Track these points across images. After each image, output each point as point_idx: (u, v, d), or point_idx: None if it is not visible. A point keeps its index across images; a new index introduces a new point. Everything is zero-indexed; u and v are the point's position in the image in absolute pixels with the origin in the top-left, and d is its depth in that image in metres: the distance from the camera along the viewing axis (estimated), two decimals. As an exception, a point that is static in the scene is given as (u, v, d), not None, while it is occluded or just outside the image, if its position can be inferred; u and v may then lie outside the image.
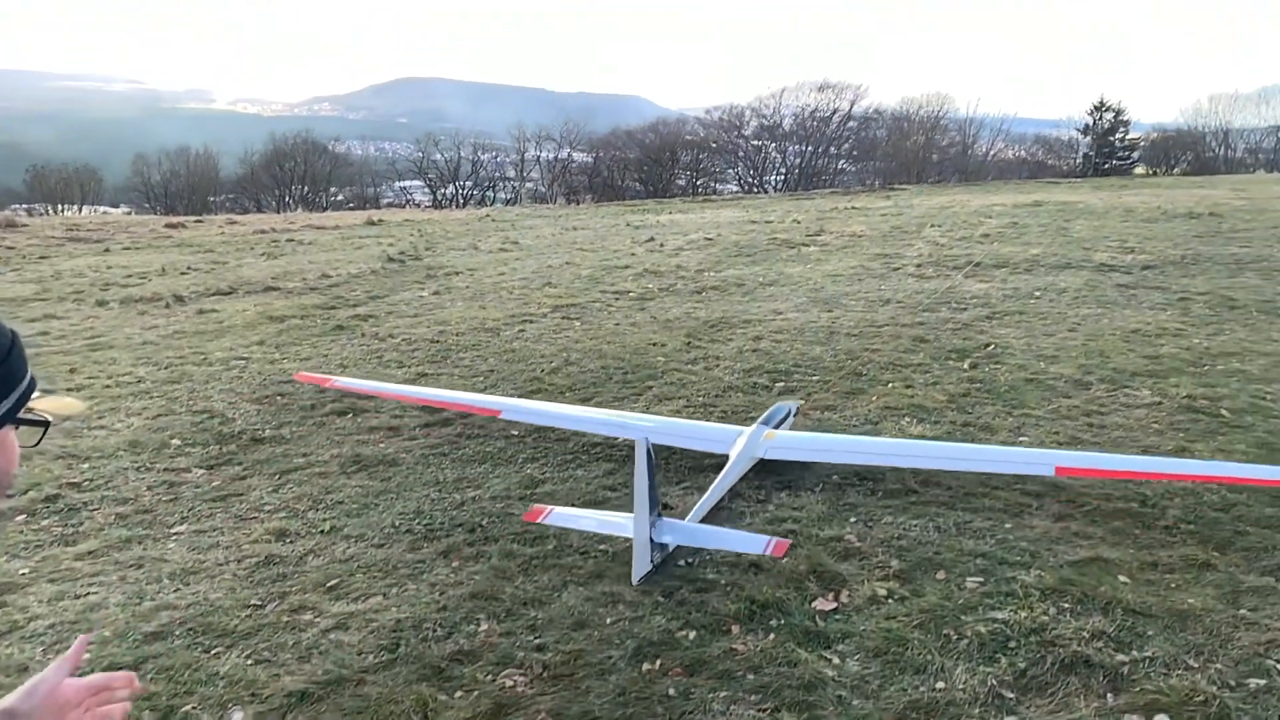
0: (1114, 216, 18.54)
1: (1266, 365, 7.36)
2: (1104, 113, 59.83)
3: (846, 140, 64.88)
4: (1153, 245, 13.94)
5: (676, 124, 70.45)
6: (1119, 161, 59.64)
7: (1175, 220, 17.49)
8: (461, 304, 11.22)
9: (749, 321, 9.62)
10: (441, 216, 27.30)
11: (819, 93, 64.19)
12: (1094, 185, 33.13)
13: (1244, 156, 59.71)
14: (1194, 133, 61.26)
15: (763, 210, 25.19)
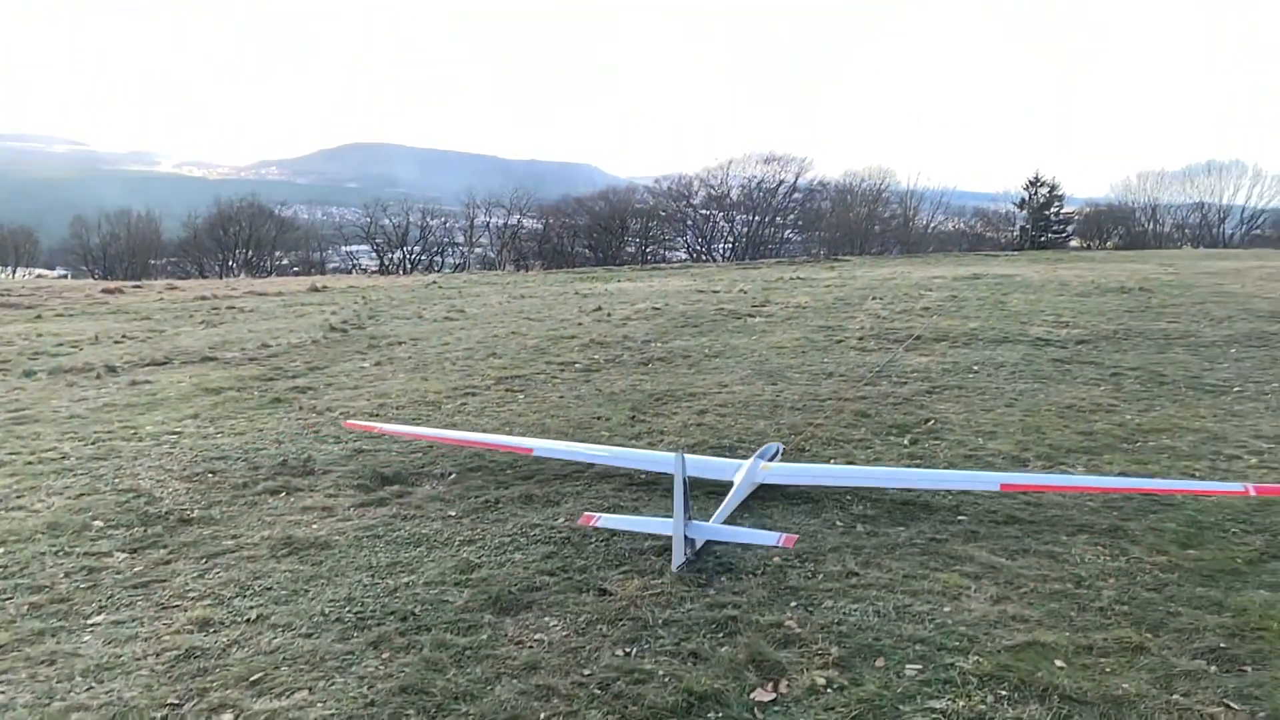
0: (1049, 290, 19.10)
1: (1195, 442, 7.54)
2: (1039, 188, 62.08)
3: (792, 211, 66.27)
4: (1086, 320, 14.35)
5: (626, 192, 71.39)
6: (1054, 235, 61.77)
7: (1108, 294, 18.06)
8: (403, 376, 11.09)
9: (694, 395, 9.64)
10: (387, 283, 27.17)
11: (765, 165, 65.69)
12: (1030, 258, 34.19)
13: (1172, 231, 62.29)
14: (1125, 208, 63.84)
15: (710, 279, 25.51)
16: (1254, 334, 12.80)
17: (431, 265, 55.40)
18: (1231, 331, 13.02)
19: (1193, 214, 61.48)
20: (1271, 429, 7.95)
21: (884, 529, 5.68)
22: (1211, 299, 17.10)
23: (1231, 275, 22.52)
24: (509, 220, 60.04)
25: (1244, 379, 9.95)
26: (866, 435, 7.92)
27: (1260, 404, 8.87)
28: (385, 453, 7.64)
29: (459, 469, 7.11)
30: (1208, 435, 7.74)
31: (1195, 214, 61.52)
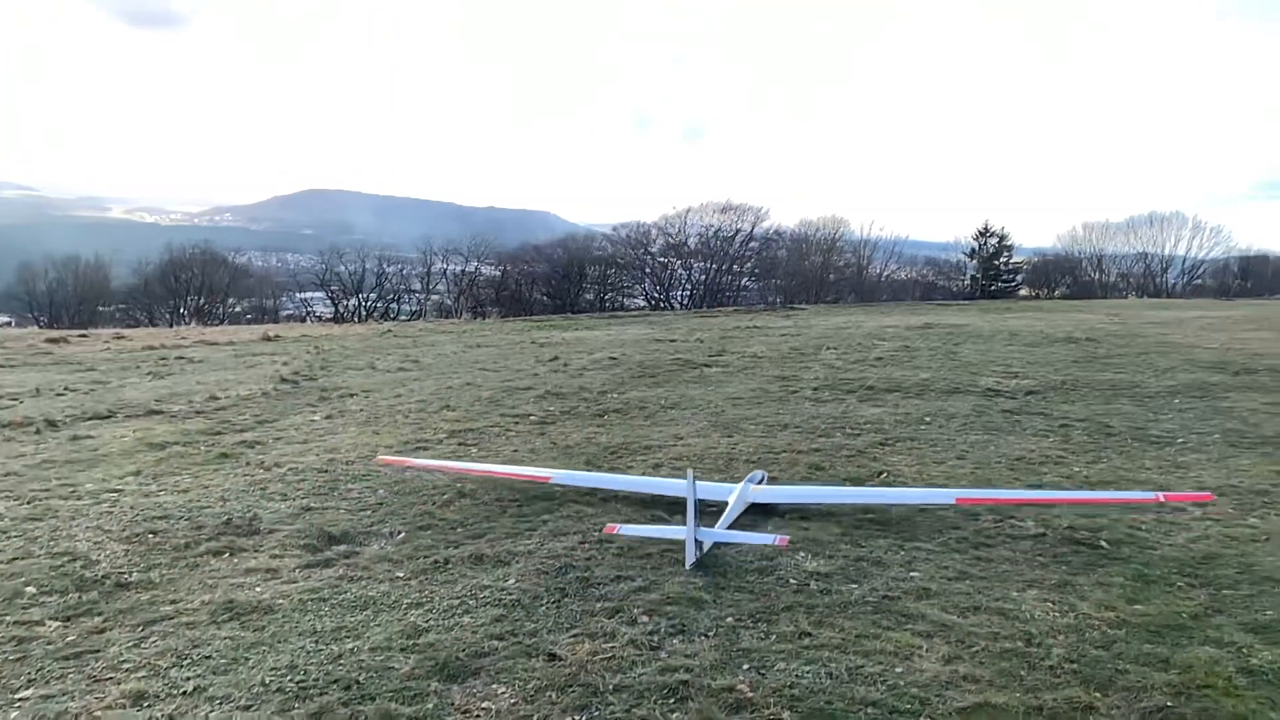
0: (999, 340, 19.43)
1: (1141, 493, 7.66)
2: (988, 238, 63.55)
3: (749, 259, 67.02)
4: (1035, 370, 14.61)
5: (585, 239, 71.74)
6: (1004, 284, 63.11)
7: (1056, 345, 18.42)
8: (355, 429, 10.93)
9: (649, 447, 9.61)
10: (341, 331, 26.91)
11: (723, 214, 66.47)
12: (981, 308, 34.87)
13: (1117, 280, 63.99)
14: (1072, 258, 65.55)
15: (668, 328, 25.63)
16: (1196, 385, 13.11)
17: (387, 313, 54.98)
18: (1175, 382, 13.33)
19: (1136, 264, 63.31)
20: (1214, 480, 8.11)
21: (837, 586, 5.67)
22: (1155, 349, 17.52)
23: (1174, 325, 23.14)
24: (467, 267, 59.95)
25: (1187, 430, 10.16)
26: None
27: (1202, 455, 9.06)
28: (334, 510, 7.48)
29: (408, 527, 6.98)
30: (1154, 486, 7.87)
31: (1139, 264, 63.36)
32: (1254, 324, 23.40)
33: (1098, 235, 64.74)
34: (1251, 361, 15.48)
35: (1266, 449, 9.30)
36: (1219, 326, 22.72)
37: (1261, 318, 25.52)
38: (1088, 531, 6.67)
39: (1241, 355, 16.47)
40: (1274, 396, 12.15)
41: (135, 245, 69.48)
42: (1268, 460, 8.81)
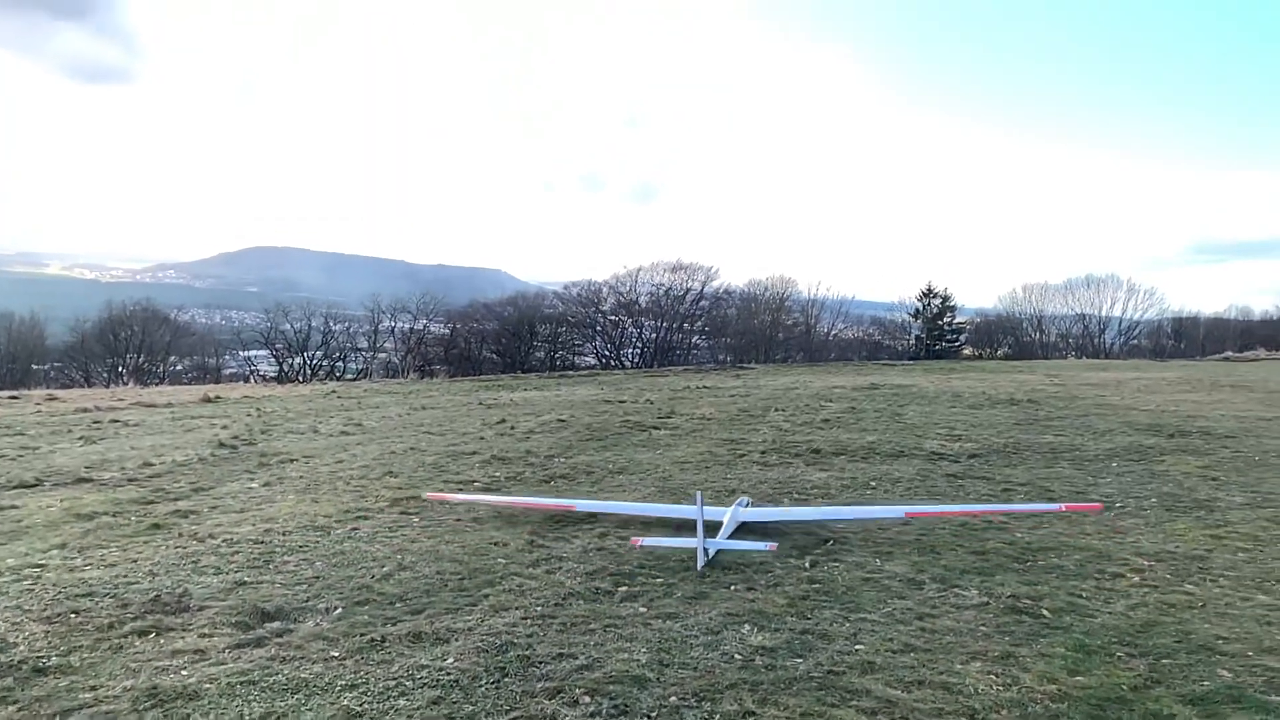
0: (943, 402, 19.73)
1: (1081, 561, 7.74)
2: (932, 298, 64.97)
3: (699, 318, 67.60)
4: (978, 433, 14.82)
5: (536, 298, 71.86)
6: (948, 344, 64.38)
7: (998, 406, 18.75)
8: (293, 496, 10.66)
9: (595, 515, 9.49)
10: (285, 392, 26.42)
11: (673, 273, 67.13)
12: (925, 368, 35.46)
13: (1056, 341, 65.65)
14: (1013, 318, 67.17)
15: (618, 388, 25.61)
16: (1133, 447, 13.40)
17: (333, 371, 54.26)
18: (1113, 445, 13.61)
19: (1075, 325, 65.08)
20: (1151, 545, 8.24)
21: (782, 661, 5.60)
22: (1094, 411, 17.92)
23: (1112, 387, 23.73)
24: (415, 325, 59.53)
25: (1125, 494, 10.35)
26: (767, 558, 7.88)
27: (1140, 520, 9.22)
28: (268, 585, 7.24)
29: (345, 602, 6.77)
30: (1093, 553, 7.97)
31: (1077, 325, 65.13)
32: (1187, 385, 24.09)
33: (1037, 296, 66.57)
34: (1185, 424, 15.91)
35: (1200, 513, 9.50)
36: (1154, 388, 23.35)
37: (1194, 379, 26.28)
38: (1030, 600, 6.71)
39: (1175, 417, 16.92)
40: (1206, 460, 12.46)
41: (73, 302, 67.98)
42: (1201, 524, 8.99)
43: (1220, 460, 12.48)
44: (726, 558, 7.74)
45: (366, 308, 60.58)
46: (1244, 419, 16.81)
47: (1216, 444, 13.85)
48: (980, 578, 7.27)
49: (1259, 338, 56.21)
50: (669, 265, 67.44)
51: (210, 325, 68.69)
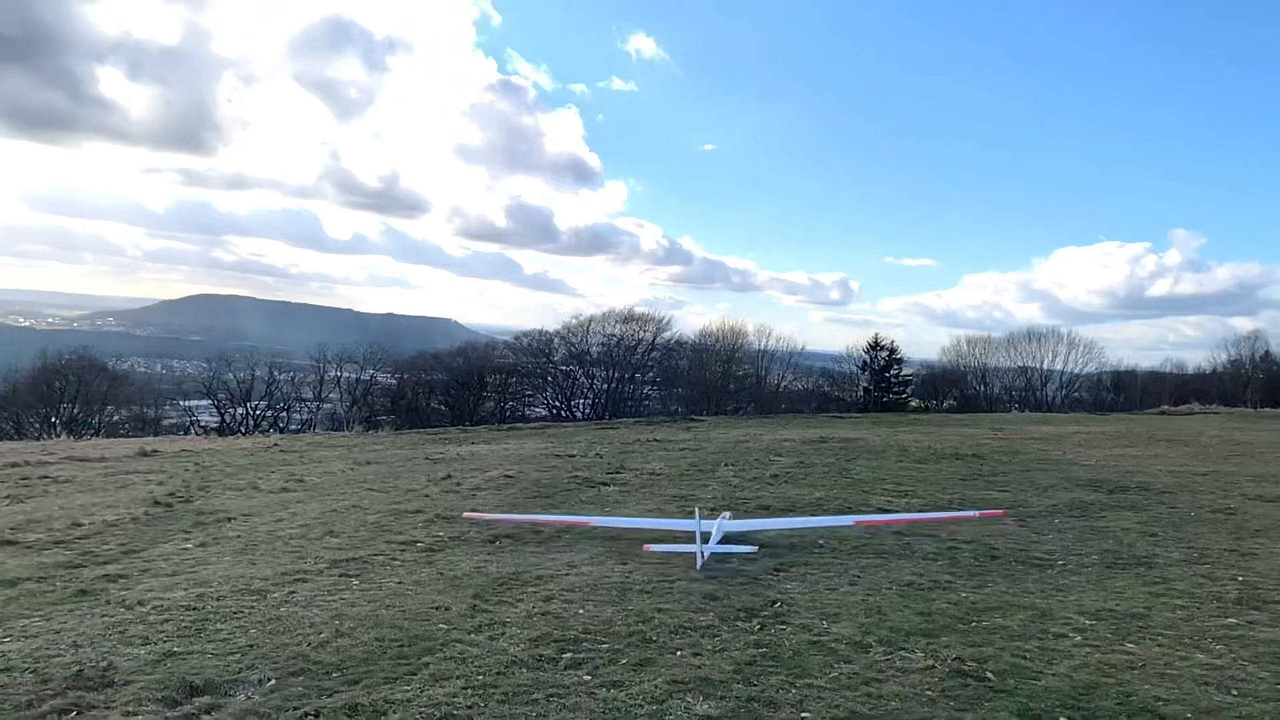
0: (890, 456, 19.90)
1: (1025, 620, 7.79)
2: (879, 351, 65.93)
3: (651, 368, 67.74)
4: (924, 489, 14.95)
5: (486, 348, 71.56)
6: (895, 395, 65.22)
7: (944, 461, 18.96)
8: (229, 558, 10.32)
9: (541, 578, 9.32)
10: (225, 445, 25.78)
11: (625, 323, 67.36)
12: (874, 420, 35.83)
13: (1000, 393, 66.86)
14: (958, 371, 68.36)
15: (567, 442, 25.40)
16: (1075, 504, 13.61)
17: (276, 422, 53.19)
18: (1055, 501, 13.81)
19: (1018, 378, 66.40)
20: (1093, 604, 8.32)
21: (728, 732, 5.50)
22: (1037, 466, 18.21)
23: (1054, 441, 24.16)
24: (362, 375, 58.79)
25: (1067, 551, 10.48)
26: (714, 621, 7.79)
27: (1082, 577, 9.32)
28: (199, 655, 6.97)
29: (279, 673, 6.54)
30: (1036, 613, 8.02)
31: (1020, 378, 66.47)
32: (1125, 440, 24.62)
33: (980, 350, 67.91)
34: (1124, 479, 16.23)
35: (1140, 570, 9.64)
36: (1094, 442, 23.82)
37: (1132, 433, 26.89)
38: (975, 662, 6.71)
39: (1115, 472, 17.26)
40: (1144, 515, 12.69)
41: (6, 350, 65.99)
42: (1141, 581, 9.12)
43: (1158, 516, 12.72)
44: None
45: (312, 357, 59.80)
46: (1180, 474, 17.19)
47: (1154, 499, 14.13)
48: (926, 639, 7.27)
49: (1192, 390, 57.78)
50: (621, 316, 67.70)
51: (150, 375, 67.28)
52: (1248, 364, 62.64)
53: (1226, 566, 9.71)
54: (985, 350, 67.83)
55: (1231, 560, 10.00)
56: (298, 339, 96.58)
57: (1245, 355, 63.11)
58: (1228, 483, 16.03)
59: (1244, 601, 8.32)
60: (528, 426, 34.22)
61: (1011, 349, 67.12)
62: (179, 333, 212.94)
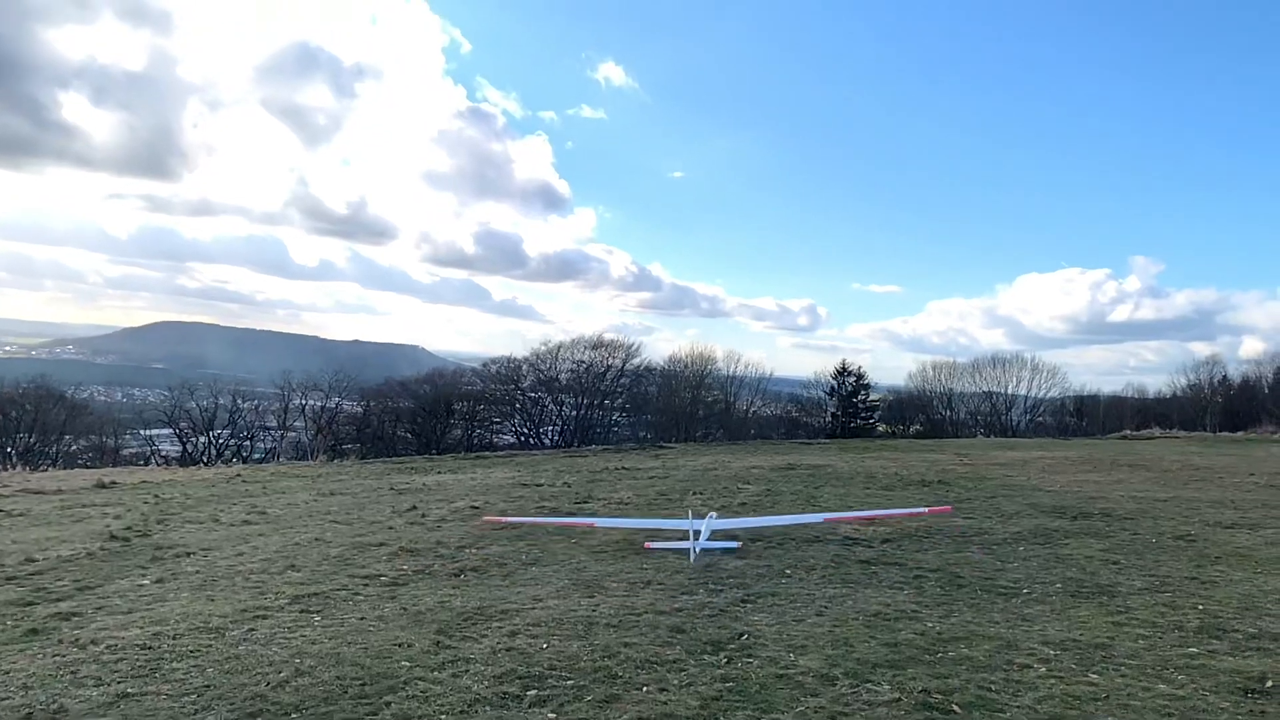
0: (857, 483, 19.97)
1: (990, 651, 7.79)
2: (847, 377, 66.38)
3: (620, 394, 67.65)
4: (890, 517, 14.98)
5: (453, 375, 71.12)
6: (863, 421, 65.62)
7: (910, 488, 19.06)
8: (187, 595, 10.11)
9: (506, 612, 9.21)
10: (186, 476, 25.34)
11: (594, 350, 67.29)
12: (841, 447, 35.97)
13: (966, 418, 67.50)
14: (924, 396, 68.95)
15: (534, 470, 25.27)
16: (1039, 530, 13.71)
17: (240, 451, 52.43)
18: (1020, 528, 13.91)
19: (983, 403, 67.10)
20: (1057, 634, 8.35)
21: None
22: (1001, 492, 18.35)
23: (1018, 466, 24.38)
24: (327, 403, 58.14)
25: (1031, 580, 10.53)
26: (680, 655, 7.73)
27: (1046, 607, 9.36)
28: (153, 697, 6.79)
29: (236, 714, 6.39)
30: (1002, 643, 8.03)
31: (985, 403, 67.17)
32: (1088, 465, 24.90)
33: (946, 375, 68.59)
34: (1087, 505, 16.39)
35: (1103, 598, 9.70)
36: (1058, 468, 24.07)
37: (1095, 458, 27.20)
38: (940, 694, 6.70)
39: (1078, 498, 17.44)
40: (1107, 543, 12.81)
41: (-39, 378, 64.49)
42: (1104, 611, 9.17)
43: (1121, 543, 12.84)
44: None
45: (277, 385, 59.09)
46: (1141, 499, 17.40)
47: (1117, 526, 14.27)
48: (892, 671, 7.25)
49: (1154, 415, 58.70)
50: (590, 342, 67.67)
51: (111, 403, 66.13)
52: (1207, 388, 63.85)
53: (1187, 595, 9.80)
54: (951, 375, 68.56)
55: (1192, 589, 10.09)
56: (262, 366, 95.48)
57: (1204, 380, 64.37)
58: (1188, 508, 16.25)
59: (1205, 631, 8.39)
60: (495, 455, 34.00)
61: (976, 374, 67.90)
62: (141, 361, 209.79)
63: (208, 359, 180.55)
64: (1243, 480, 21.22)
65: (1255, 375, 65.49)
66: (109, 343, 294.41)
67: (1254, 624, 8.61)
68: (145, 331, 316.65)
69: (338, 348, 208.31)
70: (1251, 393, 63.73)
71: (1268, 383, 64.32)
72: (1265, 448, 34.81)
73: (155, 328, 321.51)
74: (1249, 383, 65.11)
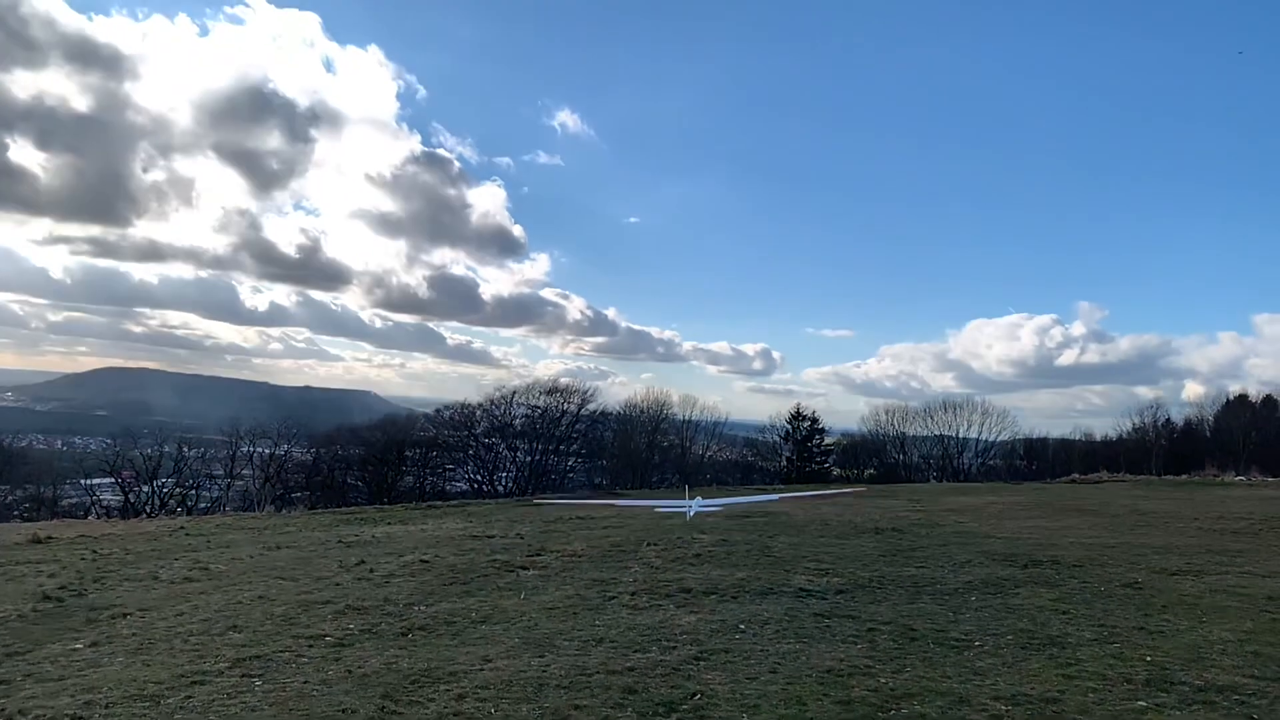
0: (811, 531, 19.98)
1: (943, 707, 7.77)
2: (802, 421, 66.84)
3: (575, 440, 67.36)
4: (844, 566, 14.99)
5: (406, 421, 70.36)
6: (818, 465, 66.00)
7: (864, 536, 19.11)
8: (122, 659, 9.73)
9: (454, 674, 8.98)
10: (126, 529, 24.60)
11: (549, 395, 67.08)
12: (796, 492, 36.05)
13: (919, 461, 68.24)
14: (877, 440, 69.63)
15: (487, 521, 24.97)
16: (990, 580, 13.80)
17: (185, 501, 51.12)
18: (971, 577, 13.98)
19: (935, 447, 67.92)
20: (1008, 687, 8.35)
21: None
22: (954, 540, 18.47)
23: (970, 512, 24.63)
24: (276, 451, 57.06)
25: (983, 631, 10.55)
26: (632, 717, 7.60)
27: (998, 659, 9.37)
28: (79, 774, 6.48)
29: (168, 793, 6.11)
30: (954, 699, 8.01)
31: (937, 446, 67.99)
32: (1038, 510, 25.24)
33: (899, 419, 69.41)
34: (1037, 552, 16.56)
35: (1053, 649, 9.75)
36: (1008, 513, 24.35)
37: (1044, 503, 27.59)
38: (895, 757, 6.64)
39: (1028, 545, 17.62)
40: (1057, 592, 12.92)
41: (-110, 427, 62.28)
42: (1055, 663, 9.21)
43: (1070, 592, 12.95)
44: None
45: (224, 432, 57.94)
46: (1090, 546, 17.62)
47: (1066, 574, 14.41)
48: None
49: (1101, 459, 59.81)
50: (545, 387, 67.51)
51: (50, 452, 64.24)
52: (1151, 431, 65.32)
53: (1135, 646, 9.89)
54: (903, 419, 69.48)
55: (1140, 639, 10.19)
56: (210, 413, 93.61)
57: (1148, 423, 65.86)
58: (1135, 555, 16.49)
59: (1153, 683, 8.45)
60: (446, 505, 33.49)
61: (929, 418, 68.88)
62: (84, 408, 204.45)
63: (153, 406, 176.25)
64: (1187, 525, 21.64)
65: (1197, 418, 67.27)
66: (50, 389, 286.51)
67: (1200, 675, 8.70)
68: (88, 378, 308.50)
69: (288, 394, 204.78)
70: (1194, 435, 65.37)
71: (1209, 425, 66.04)
72: (1208, 491, 35.59)
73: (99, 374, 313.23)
74: (1191, 425, 66.82)
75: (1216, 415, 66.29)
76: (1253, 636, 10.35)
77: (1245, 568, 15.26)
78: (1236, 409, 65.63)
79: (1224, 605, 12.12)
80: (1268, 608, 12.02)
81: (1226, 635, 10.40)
